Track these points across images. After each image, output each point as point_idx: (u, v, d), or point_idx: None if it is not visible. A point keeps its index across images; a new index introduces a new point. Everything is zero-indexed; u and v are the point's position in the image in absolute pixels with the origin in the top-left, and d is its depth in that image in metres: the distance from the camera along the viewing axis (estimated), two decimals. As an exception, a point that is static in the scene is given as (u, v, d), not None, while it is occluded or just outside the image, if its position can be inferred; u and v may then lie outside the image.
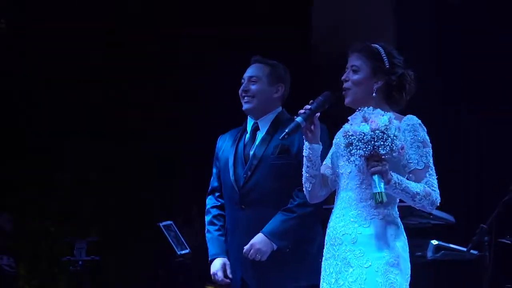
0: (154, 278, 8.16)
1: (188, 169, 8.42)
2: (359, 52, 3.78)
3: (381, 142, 3.47)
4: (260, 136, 4.60)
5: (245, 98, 4.63)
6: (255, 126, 4.65)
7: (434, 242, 5.95)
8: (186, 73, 8.19)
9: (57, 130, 8.29)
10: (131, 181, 8.53)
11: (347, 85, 3.78)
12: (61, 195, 8.62)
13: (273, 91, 4.64)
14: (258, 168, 4.52)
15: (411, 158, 3.64)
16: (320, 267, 3.77)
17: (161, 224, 5.95)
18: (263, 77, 4.63)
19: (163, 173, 8.51)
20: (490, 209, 5.00)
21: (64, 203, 8.57)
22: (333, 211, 3.76)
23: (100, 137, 8.33)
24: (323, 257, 3.75)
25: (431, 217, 5.80)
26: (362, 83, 3.75)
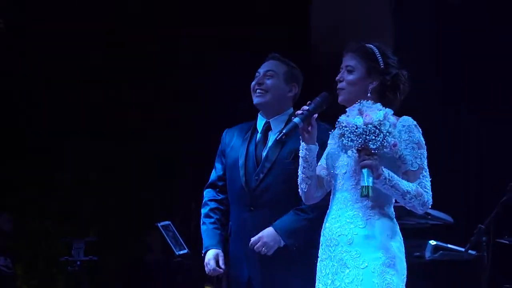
0: (153, 279, 8.16)
1: (188, 169, 8.41)
2: (354, 52, 3.77)
3: (373, 137, 3.47)
4: (273, 137, 4.52)
5: (258, 92, 4.53)
6: (267, 126, 4.56)
7: (432, 243, 5.95)
8: (186, 73, 8.17)
9: (57, 130, 8.28)
10: (131, 181, 8.52)
11: (342, 85, 3.77)
12: (61, 195, 8.61)
13: (287, 90, 4.56)
14: (271, 171, 4.46)
15: (406, 159, 3.63)
16: None
17: (159, 224, 5.95)
18: (280, 74, 4.55)
19: (163, 173, 8.49)
20: (490, 210, 4.98)
21: (64, 203, 8.55)
22: (329, 212, 3.76)
23: (100, 137, 8.31)
24: (319, 258, 3.75)
25: (429, 217, 5.81)
26: (357, 83, 3.74)
